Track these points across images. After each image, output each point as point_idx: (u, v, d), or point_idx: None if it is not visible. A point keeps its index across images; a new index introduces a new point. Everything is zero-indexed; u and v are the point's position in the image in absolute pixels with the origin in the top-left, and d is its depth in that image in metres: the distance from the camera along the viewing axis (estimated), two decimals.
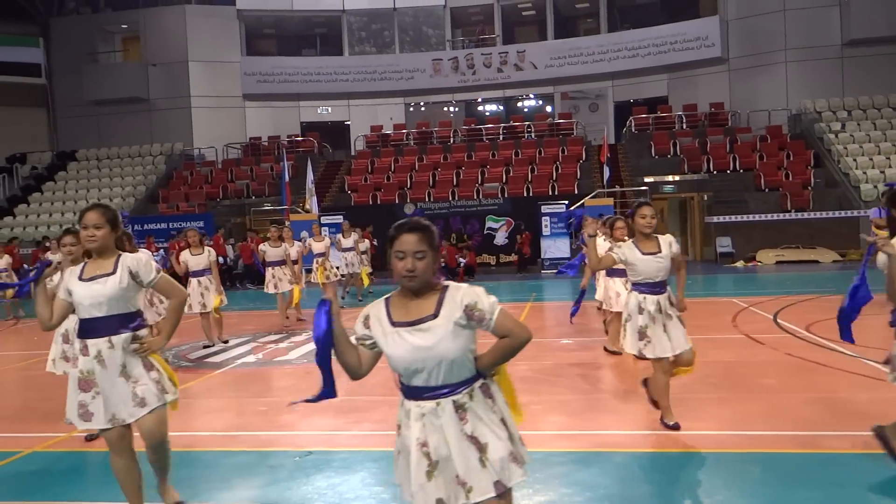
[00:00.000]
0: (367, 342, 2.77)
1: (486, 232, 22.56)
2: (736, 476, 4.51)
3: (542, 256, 21.69)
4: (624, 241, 5.89)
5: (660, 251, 5.21)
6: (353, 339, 2.78)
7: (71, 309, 3.92)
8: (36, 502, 4.56)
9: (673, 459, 4.92)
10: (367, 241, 16.26)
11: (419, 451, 2.68)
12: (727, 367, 7.40)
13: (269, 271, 11.75)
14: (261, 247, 12.23)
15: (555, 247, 21.39)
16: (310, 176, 22.34)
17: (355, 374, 2.79)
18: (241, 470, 4.97)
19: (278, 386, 7.79)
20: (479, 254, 21.89)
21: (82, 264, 3.97)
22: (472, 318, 2.65)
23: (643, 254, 5.21)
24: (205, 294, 9.78)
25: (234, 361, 9.11)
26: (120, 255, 3.93)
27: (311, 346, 9.82)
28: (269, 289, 11.71)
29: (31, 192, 27.74)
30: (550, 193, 23.18)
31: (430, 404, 2.68)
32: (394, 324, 2.71)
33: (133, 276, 3.85)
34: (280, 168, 25.10)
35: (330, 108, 31.65)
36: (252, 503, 4.35)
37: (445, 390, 2.68)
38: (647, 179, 23.86)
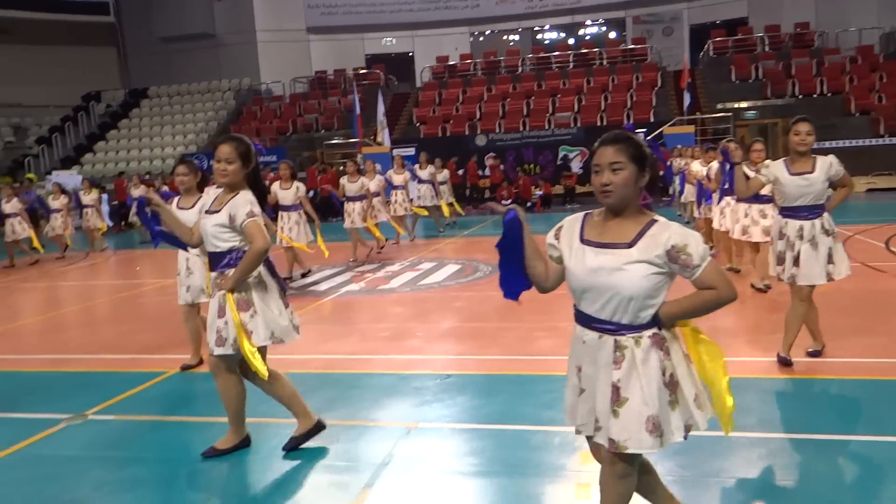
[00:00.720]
0: (555, 255, 2.68)
1: (559, 162, 22.17)
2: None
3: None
4: (763, 164, 5.61)
5: (812, 171, 4.94)
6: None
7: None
8: (178, 417, 4.75)
9: (820, 385, 4.82)
10: (446, 171, 16.08)
11: (575, 374, 2.64)
12: (856, 296, 7.15)
13: (346, 205, 11.79)
14: (340, 180, 12.24)
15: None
16: (380, 108, 22.19)
17: (542, 287, 2.74)
18: (388, 391, 5.07)
19: (392, 312, 7.89)
20: (553, 184, 21.57)
21: (217, 193, 4.00)
22: (675, 261, 2.43)
23: (791, 174, 4.97)
24: (293, 228, 9.82)
25: (338, 290, 9.26)
26: (237, 194, 3.86)
27: (412, 274, 10.01)
28: (346, 223, 11.74)
29: (107, 129, 28.37)
30: (625, 122, 22.52)
31: (592, 335, 2.56)
32: (583, 240, 2.59)
33: (231, 216, 3.83)
34: (348, 101, 24.99)
35: (394, 40, 31.17)
36: (409, 422, 4.42)
37: (611, 327, 2.51)
38: (727, 106, 22.95)
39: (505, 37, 31.32)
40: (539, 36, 31.69)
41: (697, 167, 10.31)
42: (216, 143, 3.90)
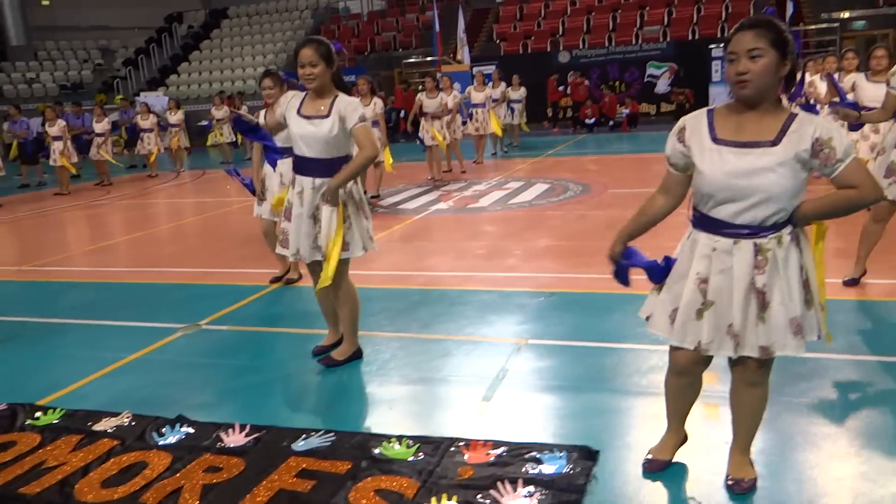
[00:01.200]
0: (680, 162, 2.49)
1: (646, 80, 21.20)
2: None
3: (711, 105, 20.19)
4: (889, 72, 5.15)
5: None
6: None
7: (281, 128, 4.07)
8: (285, 328, 4.83)
9: None
10: (523, 89, 15.57)
11: (695, 286, 2.45)
12: None
13: (423, 122, 11.57)
14: (418, 97, 11.99)
15: (726, 94, 19.79)
16: (460, 24, 21.57)
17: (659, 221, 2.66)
18: (492, 308, 5.01)
19: (485, 231, 7.79)
20: (640, 102, 20.71)
21: (303, 95, 3.90)
22: (816, 155, 2.26)
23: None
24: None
25: (427, 209, 9.21)
26: (337, 97, 3.81)
27: (500, 193, 9.84)
28: (426, 140, 11.54)
29: (189, 50, 28.67)
30: (720, 35, 21.23)
31: (725, 241, 2.38)
32: (716, 140, 2.38)
33: (341, 119, 3.74)
34: (427, 18, 24.37)
35: None
36: (519, 338, 4.36)
37: (750, 230, 2.35)
38: (832, 16, 21.28)
39: None
40: None
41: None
42: (297, 48, 3.82)
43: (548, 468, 2.83)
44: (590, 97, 19.97)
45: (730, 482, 2.65)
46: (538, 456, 2.93)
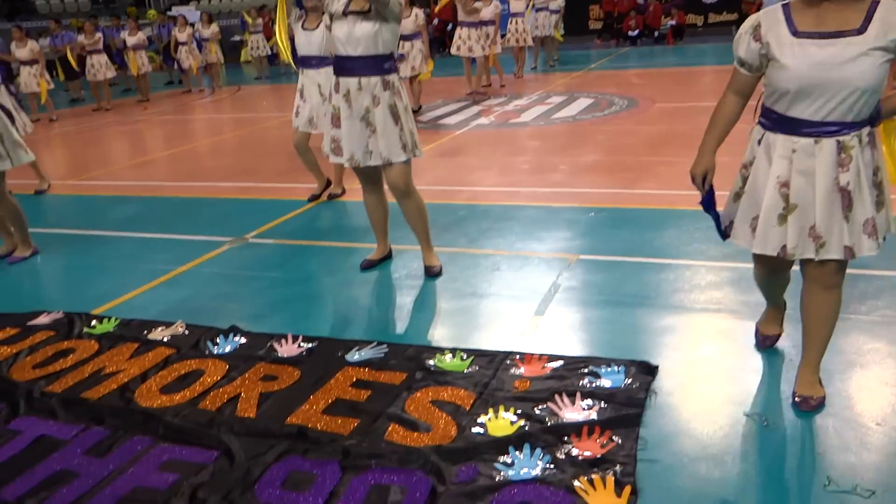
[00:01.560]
0: (755, 63, 2.38)
1: None
2: None
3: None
4: None
5: None
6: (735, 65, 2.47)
7: None
8: (328, 242, 4.79)
9: None
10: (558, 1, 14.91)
11: (776, 191, 2.37)
12: None
13: (459, 31, 11.14)
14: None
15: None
16: None
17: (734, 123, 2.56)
18: (540, 223, 4.90)
19: (529, 146, 7.60)
20: (686, 13, 19.77)
21: None
22: None
23: None
24: (416, 57, 9.40)
25: (468, 124, 9.01)
26: None
27: (542, 108, 9.56)
28: (462, 52, 11.13)
29: None
30: None
31: (806, 141, 2.30)
32: (796, 33, 2.25)
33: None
34: None
35: None
36: (570, 254, 4.27)
37: (833, 128, 2.27)
38: None
39: None
40: None
41: None
42: None
43: (606, 382, 2.79)
44: (634, 7, 19.12)
45: (797, 399, 2.58)
46: (596, 370, 2.88)
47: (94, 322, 3.74)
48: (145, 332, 3.58)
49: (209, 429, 2.65)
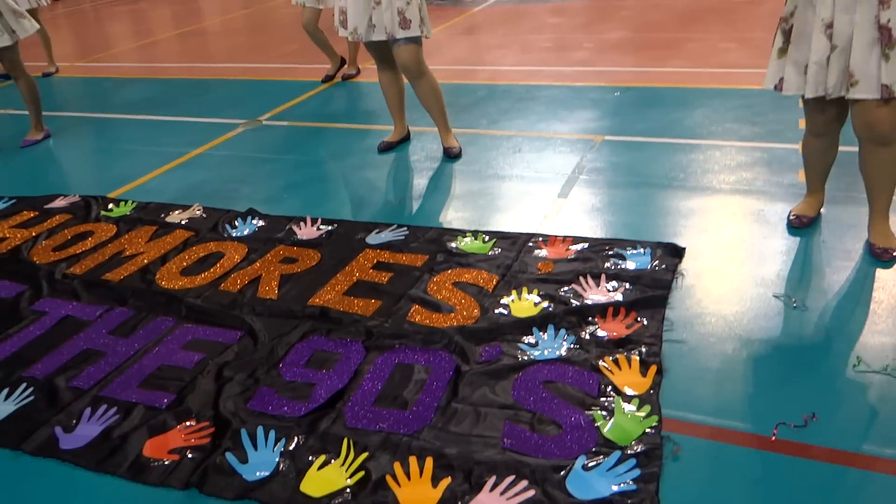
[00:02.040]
0: None
1: None
2: None
3: None
4: None
5: None
6: None
7: None
8: (342, 124, 4.65)
9: None
10: None
11: (822, 33, 2.39)
12: None
13: None
14: None
15: None
16: None
17: None
18: (564, 103, 4.72)
19: (550, 23, 7.25)
20: None
21: None
22: None
23: None
24: None
25: (486, 0, 8.59)
26: None
27: None
28: None
29: None
30: None
31: None
32: None
33: None
34: None
35: None
36: (594, 134, 4.12)
37: None
38: None
39: None
40: None
41: None
42: None
43: (631, 264, 2.73)
44: None
45: (876, 251, 2.65)
46: (621, 252, 2.82)
47: (110, 205, 3.70)
48: (163, 214, 3.54)
49: (231, 310, 2.65)
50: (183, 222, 3.44)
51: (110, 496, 1.89)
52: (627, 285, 2.59)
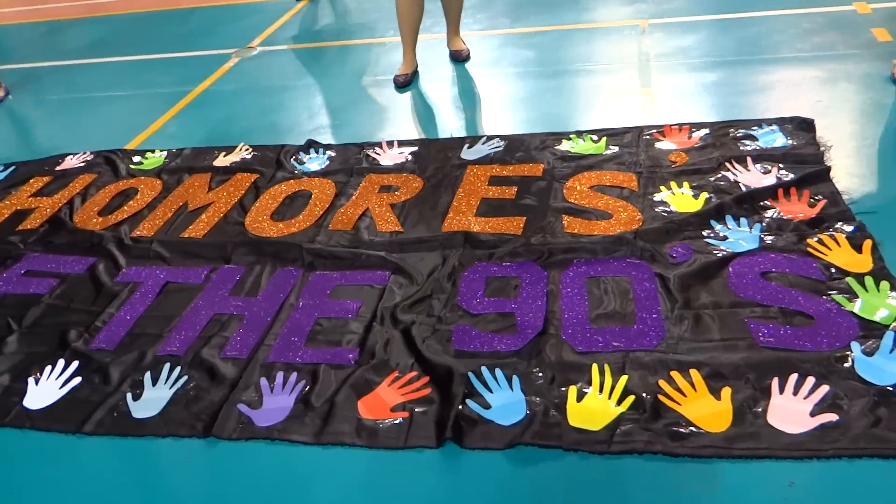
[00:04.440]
0: None
1: None
2: None
3: None
4: None
5: None
6: None
7: None
8: (346, 41, 4.27)
9: None
10: None
11: None
12: None
13: None
14: None
15: None
16: None
17: None
18: None
19: None
20: None
21: None
22: None
23: None
24: None
25: None
26: None
27: None
28: None
29: None
30: None
31: None
32: None
33: None
34: None
35: None
36: (634, 20, 3.90)
37: None
38: None
39: None
40: None
41: None
42: None
43: (767, 143, 2.59)
44: None
45: None
46: (749, 133, 2.67)
47: (136, 158, 3.27)
48: (207, 159, 3.15)
49: (358, 248, 2.37)
50: (235, 164, 3.07)
51: (354, 467, 1.65)
52: (780, 165, 2.45)
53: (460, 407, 1.71)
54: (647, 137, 2.76)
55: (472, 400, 1.74)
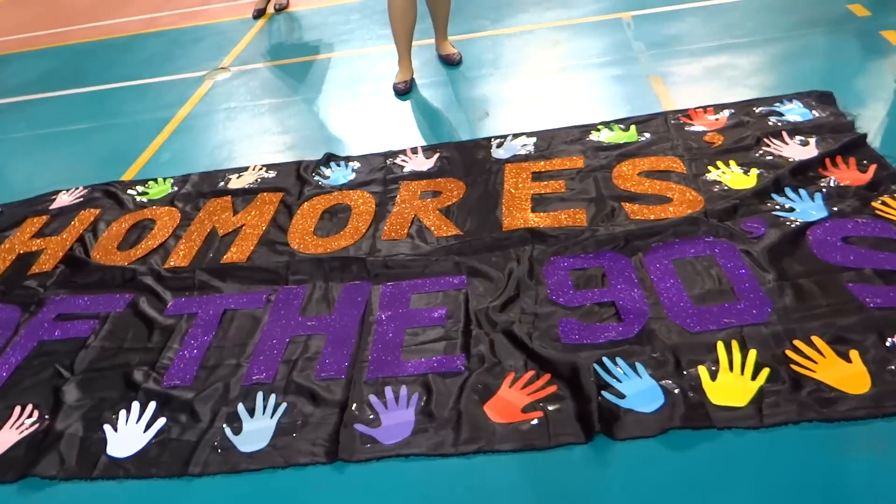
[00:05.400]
0: None
1: None
2: None
3: None
4: None
5: None
6: None
7: None
8: (327, 55, 4.20)
9: None
10: None
11: None
12: None
13: None
14: None
15: None
16: None
17: None
18: None
19: None
20: None
21: None
22: None
23: None
24: None
25: None
26: None
27: None
28: None
29: None
30: None
31: None
32: None
33: None
34: None
35: None
36: (615, 14, 3.98)
37: None
38: None
39: None
40: None
41: None
42: None
43: (795, 117, 2.68)
44: None
45: None
46: (774, 109, 2.75)
47: (138, 188, 3.09)
48: (219, 183, 3.01)
49: (425, 257, 2.30)
50: (252, 185, 2.95)
51: (505, 472, 1.59)
52: (815, 137, 2.53)
53: (600, 403, 1.68)
54: (676, 121, 2.80)
55: (607, 391, 1.71)
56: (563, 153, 2.74)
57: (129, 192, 3.06)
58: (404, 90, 3.52)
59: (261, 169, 3.06)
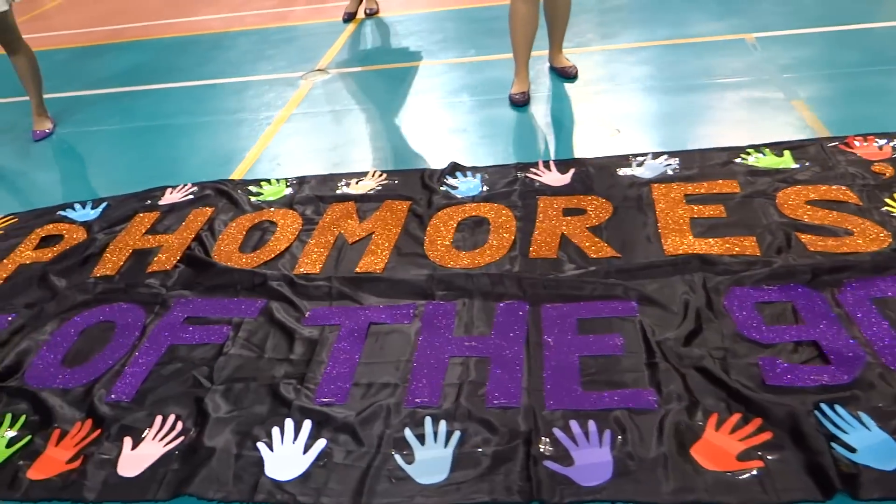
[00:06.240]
0: None
1: None
2: None
3: None
4: None
5: None
6: None
7: None
8: (430, 61, 4.08)
9: None
10: None
11: None
12: None
13: None
14: None
15: None
16: None
17: None
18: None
19: None
20: None
21: None
22: None
23: None
24: None
25: None
26: None
27: None
28: None
29: None
30: None
31: None
32: None
33: None
34: None
35: None
36: (743, 33, 3.82)
37: None
38: None
39: None
40: None
41: None
42: None
43: None
44: None
45: None
46: None
47: (251, 188, 2.97)
48: (338, 187, 2.88)
49: (583, 280, 2.14)
50: (373, 192, 2.81)
51: None
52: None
53: (830, 451, 1.50)
54: (832, 145, 2.63)
55: (835, 443, 1.53)
56: (713, 176, 2.57)
57: (241, 191, 2.95)
58: (522, 101, 3.38)
59: (381, 175, 2.92)
